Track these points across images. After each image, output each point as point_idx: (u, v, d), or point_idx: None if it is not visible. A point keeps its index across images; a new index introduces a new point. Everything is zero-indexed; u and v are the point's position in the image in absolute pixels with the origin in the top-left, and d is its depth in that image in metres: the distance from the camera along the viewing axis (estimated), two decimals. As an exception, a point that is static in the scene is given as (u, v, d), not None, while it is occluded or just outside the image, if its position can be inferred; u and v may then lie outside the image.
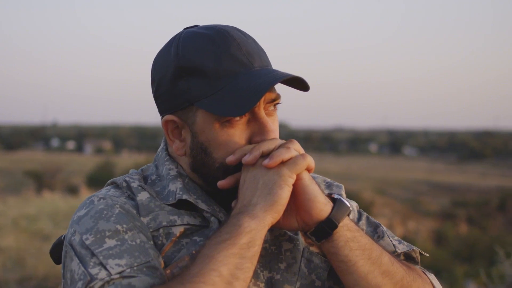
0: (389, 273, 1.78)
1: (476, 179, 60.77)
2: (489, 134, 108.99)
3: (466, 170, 71.46)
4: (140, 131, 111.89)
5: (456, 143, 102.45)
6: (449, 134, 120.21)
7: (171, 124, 1.85)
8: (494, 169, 73.20)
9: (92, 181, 35.16)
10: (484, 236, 30.32)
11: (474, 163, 79.96)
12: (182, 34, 1.84)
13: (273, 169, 1.71)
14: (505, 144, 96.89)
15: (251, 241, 1.65)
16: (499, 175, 65.36)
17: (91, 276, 1.63)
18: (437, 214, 40.97)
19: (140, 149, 77.38)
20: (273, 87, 1.79)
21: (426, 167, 74.30)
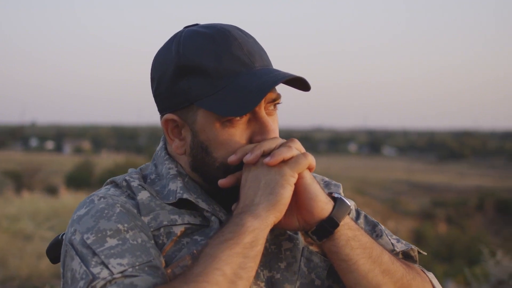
0: (389, 271, 1.79)
1: (455, 179, 61.04)
2: (468, 134, 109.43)
3: (445, 170, 71.75)
4: (120, 131, 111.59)
5: (435, 143, 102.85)
6: (428, 134, 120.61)
7: (171, 123, 1.84)
8: (473, 169, 73.55)
9: (71, 181, 35.03)
10: (463, 236, 30.43)
11: (453, 163, 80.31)
12: (183, 33, 1.84)
13: (275, 169, 1.71)
14: (483, 144, 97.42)
15: (254, 241, 1.65)
16: (478, 175, 65.70)
17: (93, 275, 1.62)
18: (416, 214, 41.09)
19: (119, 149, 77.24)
20: (274, 88, 1.79)
21: (406, 167, 74.53)
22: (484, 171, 71.69)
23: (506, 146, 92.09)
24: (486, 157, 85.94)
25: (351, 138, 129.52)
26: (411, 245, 1.99)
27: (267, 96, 1.78)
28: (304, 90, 1.82)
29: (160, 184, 1.86)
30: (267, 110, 1.81)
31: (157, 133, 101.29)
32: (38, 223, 12.59)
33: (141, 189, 1.83)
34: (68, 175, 38.50)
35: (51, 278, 9.37)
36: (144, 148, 67.40)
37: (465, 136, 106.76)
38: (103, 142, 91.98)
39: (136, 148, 70.93)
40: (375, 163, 79.96)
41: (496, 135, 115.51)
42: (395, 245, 1.97)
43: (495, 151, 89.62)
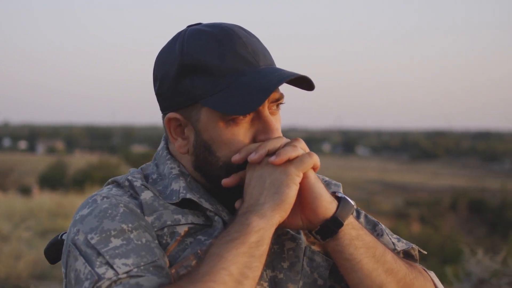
0: (393, 271, 1.79)
1: (428, 179, 61.33)
2: (441, 134, 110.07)
3: (418, 169, 72.09)
4: (93, 131, 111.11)
5: (409, 143, 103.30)
6: (401, 134, 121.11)
7: (174, 121, 1.83)
8: (446, 168, 73.95)
9: (44, 181, 34.81)
10: (436, 235, 30.57)
11: (426, 162, 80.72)
12: (186, 32, 1.83)
13: (280, 168, 1.71)
14: (456, 144, 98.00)
15: (259, 240, 1.65)
16: (451, 175, 66.08)
17: (98, 276, 1.62)
18: (390, 214, 41.18)
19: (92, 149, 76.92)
20: (277, 88, 1.79)
21: (379, 166, 74.82)
22: (457, 171, 72.14)
23: (479, 146, 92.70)
24: (459, 157, 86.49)
25: (325, 138, 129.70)
26: (412, 244, 2.00)
27: (270, 96, 1.77)
28: (308, 90, 1.82)
29: (162, 184, 1.85)
30: (270, 109, 1.80)
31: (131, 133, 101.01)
32: (14, 223, 12.51)
33: (144, 189, 1.82)
34: (41, 175, 38.25)
35: (30, 279, 9.33)
36: (117, 148, 67.13)
37: (438, 136, 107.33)
38: (77, 142, 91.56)
39: (110, 148, 70.66)
40: (349, 163, 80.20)
41: (468, 135, 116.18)
42: (396, 244, 1.97)
43: (468, 151, 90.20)
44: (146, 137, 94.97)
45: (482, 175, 66.02)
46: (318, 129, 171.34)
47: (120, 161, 36.47)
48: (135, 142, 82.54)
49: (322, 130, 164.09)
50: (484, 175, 65.32)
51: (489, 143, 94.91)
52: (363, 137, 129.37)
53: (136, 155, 43.94)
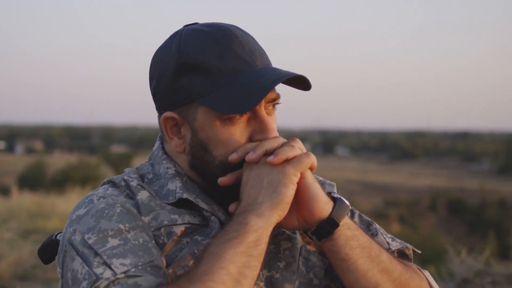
0: (388, 270, 1.80)
1: (408, 179, 61.56)
2: (420, 135, 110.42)
3: (397, 170, 72.34)
4: (72, 131, 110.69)
5: (388, 143, 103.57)
6: (380, 134, 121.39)
7: (170, 120, 1.83)
8: (425, 168, 74.24)
9: (23, 181, 34.66)
10: (416, 235, 30.69)
11: (405, 163, 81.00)
12: (184, 31, 1.83)
13: (277, 168, 1.71)
14: (435, 144, 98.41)
15: (258, 240, 1.65)
16: (430, 175, 66.37)
17: (96, 276, 1.61)
18: (369, 214, 40.95)
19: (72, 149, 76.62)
20: (276, 85, 1.80)
21: (358, 167, 75.04)
22: (436, 171, 72.47)
23: (458, 147, 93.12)
24: (438, 157, 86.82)
25: (304, 138, 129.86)
26: (406, 244, 2.01)
27: (267, 96, 1.78)
28: (304, 90, 1.83)
29: (158, 184, 1.85)
30: (267, 109, 1.81)
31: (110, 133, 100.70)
32: (-5, 224, 12.44)
33: (141, 189, 1.82)
34: (20, 175, 38.09)
35: (12, 280, 9.29)
36: (97, 148, 66.92)
37: (417, 136, 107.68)
38: (56, 142, 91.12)
39: (89, 148, 70.42)
40: (328, 163, 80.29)
41: (447, 136, 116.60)
42: (391, 244, 1.98)
43: (447, 151, 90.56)
44: (125, 137, 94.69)
45: (461, 175, 66.40)
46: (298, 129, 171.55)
47: (99, 161, 36.35)
48: (114, 142, 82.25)
49: (302, 130, 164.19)
50: (463, 175, 65.70)
51: (468, 144, 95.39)
52: (343, 137, 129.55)
53: (115, 155, 43.88)
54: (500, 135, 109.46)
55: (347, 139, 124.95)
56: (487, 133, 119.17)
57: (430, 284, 1.90)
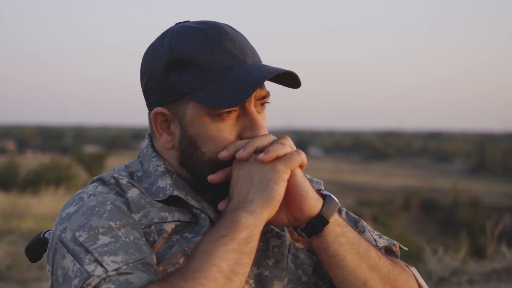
0: (376, 267, 1.81)
1: (380, 179, 61.75)
2: (393, 135, 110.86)
3: (370, 169, 72.56)
4: (45, 131, 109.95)
5: (361, 143, 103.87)
6: (354, 134, 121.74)
7: (160, 116, 1.83)
8: (398, 168, 74.52)
9: (-5, 181, 34.32)
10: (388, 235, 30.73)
11: (378, 163, 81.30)
12: (175, 28, 1.84)
13: (268, 165, 1.72)
14: (408, 144, 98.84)
15: (249, 237, 1.66)
16: (403, 175, 66.61)
17: (88, 273, 1.62)
18: (343, 214, 41.27)
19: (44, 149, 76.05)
20: (263, 85, 1.81)
21: (332, 167, 75.13)
22: (409, 171, 72.73)
23: (430, 147, 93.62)
24: (410, 157, 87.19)
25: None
26: (393, 241, 2.02)
27: (256, 94, 1.79)
28: (294, 87, 1.84)
29: (147, 181, 1.85)
30: (256, 107, 1.81)
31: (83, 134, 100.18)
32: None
33: (131, 186, 1.82)
34: (-9, 175, 37.70)
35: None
36: (70, 149, 66.52)
37: (390, 136, 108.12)
38: (28, 142, 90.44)
39: (62, 148, 69.93)
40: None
41: (420, 136, 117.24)
42: (378, 241, 1.99)
43: (419, 151, 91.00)
44: (98, 137, 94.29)
45: (433, 175, 66.70)
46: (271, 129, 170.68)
47: (72, 162, 36.12)
48: (87, 142, 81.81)
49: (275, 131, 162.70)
50: (435, 175, 66.01)
51: (440, 144, 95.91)
52: (316, 137, 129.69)
53: (88, 156, 43.57)
54: (472, 135, 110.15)
55: (321, 139, 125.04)
56: (459, 133, 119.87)
57: (417, 280, 1.91)
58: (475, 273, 6.26)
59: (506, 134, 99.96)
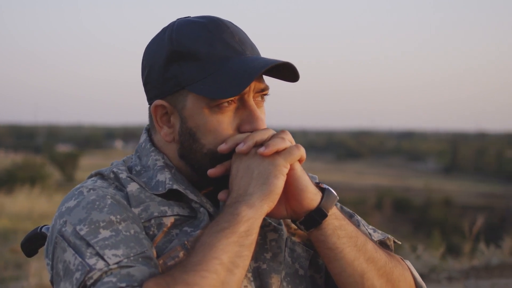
0: (373, 259, 1.83)
1: (354, 178, 61.88)
2: (366, 134, 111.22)
3: (344, 169, 72.70)
4: (17, 130, 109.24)
5: (334, 142, 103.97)
6: (327, 133, 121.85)
7: (160, 109, 1.85)
8: (371, 168, 74.75)
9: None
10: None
11: (351, 162, 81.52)
12: (176, 22, 1.87)
13: (268, 159, 1.74)
14: (381, 143, 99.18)
15: (249, 230, 1.68)
16: (376, 174, 66.84)
17: (90, 266, 1.63)
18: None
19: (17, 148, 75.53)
20: (262, 77, 1.82)
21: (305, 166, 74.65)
22: (382, 170, 72.96)
23: (403, 146, 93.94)
24: (383, 156, 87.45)
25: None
26: (387, 235, 2.05)
27: (255, 86, 1.81)
28: (292, 81, 1.86)
29: (146, 175, 1.86)
30: (255, 100, 1.83)
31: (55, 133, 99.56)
32: None
33: (130, 180, 1.83)
34: (-38, 175, 37.41)
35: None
36: (42, 148, 66.15)
37: (363, 135, 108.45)
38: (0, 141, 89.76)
39: (34, 148, 69.54)
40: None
41: (393, 135, 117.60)
42: (372, 235, 2.01)
43: (392, 151, 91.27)
44: (71, 136, 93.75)
45: (406, 174, 66.97)
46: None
47: (45, 161, 35.93)
48: (59, 141, 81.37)
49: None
50: (408, 174, 66.27)
51: (413, 143, 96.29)
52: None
53: (61, 155, 43.37)
54: (444, 135, 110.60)
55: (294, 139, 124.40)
56: (432, 133, 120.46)
57: (412, 273, 1.94)
58: (453, 270, 6.31)
59: (478, 134, 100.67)
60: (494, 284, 5.84)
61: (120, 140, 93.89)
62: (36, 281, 7.53)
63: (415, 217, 38.34)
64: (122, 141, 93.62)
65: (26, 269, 8.34)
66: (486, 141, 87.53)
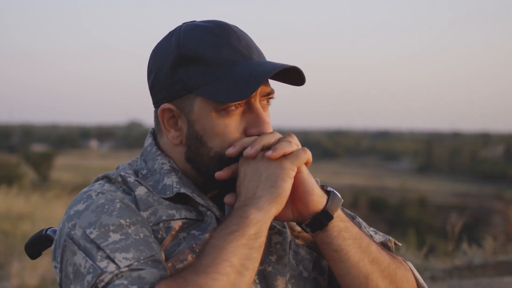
0: (377, 261, 1.86)
1: (330, 178, 61.95)
2: (341, 134, 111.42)
3: (319, 168, 72.76)
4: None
5: (310, 142, 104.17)
6: (302, 133, 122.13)
7: (167, 112, 1.86)
8: (346, 167, 74.89)
9: None
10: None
11: (327, 162, 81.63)
12: (182, 27, 1.88)
13: (275, 163, 1.76)
14: (356, 143, 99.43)
15: (258, 232, 1.70)
16: (351, 174, 66.96)
17: (101, 269, 1.64)
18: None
19: (-12, 148, 74.97)
20: (268, 81, 1.85)
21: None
22: (357, 169, 73.14)
23: (378, 146, 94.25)
24: (359, 156, 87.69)
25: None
26: (388, 237, 2.07)
27: (261, 90, 1.83)
28: (298, 84, 1.88)
29: (153, 179, 1.88)
30: (261, 104, 1.85)
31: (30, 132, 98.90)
32: None
33: (138, 184, 1.85)
34: None
35: None
36: (17, 147, 65.72)
37: (338, 135, 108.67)
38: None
39: (9, 147, 69.06)
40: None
41: (368, 135, 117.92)
42: (374, 237, 2.04)
43: (368, 150, 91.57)
44: (46, 136, 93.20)
45: (381, 174, 67.23)
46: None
47: (19, 161, 35.72)
48: (34, 141, 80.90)
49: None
50: (383, 174, 66.53)
51: (388, 143, 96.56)
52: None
53: (36, 154, 43.13)
54: (419, 134, 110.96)
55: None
56: (407, 132, 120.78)
57: (414, 274, 1.97)
58: (437, 270, 6.35)
59: (453, 134, 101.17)
60: (477, 283, 5.89)
61: (95, 139, 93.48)
62: (18, 282, 7.50)
63: (391, 216, 38.46)
64: (97, 140, 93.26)
65: (7, 270, 8.31)
66: (461, 141, 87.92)
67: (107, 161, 58.63)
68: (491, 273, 6.31)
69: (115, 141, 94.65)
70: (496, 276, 6.22)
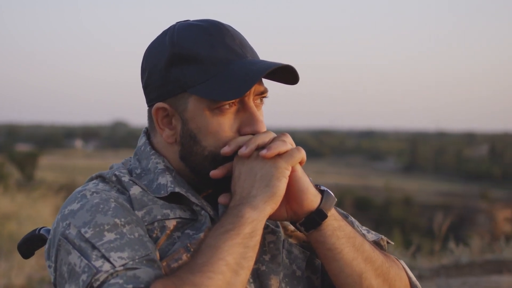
0: (371, 259, 1.87)
1: (315, 177, 61.45)
2: (326, 133, 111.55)
3: (305, 168, 72.35)
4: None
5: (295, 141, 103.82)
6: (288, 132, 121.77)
7: (161, 111, 1.86)
8: (331, 167, 75.04)
9: None
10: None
11: (312, 161, 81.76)
12: (176, 26, 1.88)
13: (270, 162, 1.76)
14: (341, 142, 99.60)
15: (253, 231, 1.70)
16: (336, 173, 67.09)
17: (96, 269, 1.65)
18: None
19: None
20: (261, 80, 1.85)
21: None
22: (342, 169, 73.31)
23: (363, 145, 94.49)
24: (344, 155, 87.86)
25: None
26: (381, 236, 2.08)
27: (255, 89, 1.84)
28: (292, 83, 1.89)
29: (147, 178, 1.88)
30: (255, 102, 1.86)
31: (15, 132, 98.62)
32: None
33: (133, 184, 1.85)
34: None
35: None
36: (1, 147, 65.49)
37: (323, 134, 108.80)
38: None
39: (-10, 148, 68.81)
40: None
41: (353, 134, 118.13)
42: (366, 236, 2.04)
43: (353, 150, 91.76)
44: (31, 135, 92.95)
45: (366, 173, 67.42)
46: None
47: (4, 160, 35.59)
48: (19, 141, 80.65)
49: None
50: (368, 174, 66.72)
51: (373, 142, 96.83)
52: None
53: (21, 154, 42.96)
54: (404, 134, 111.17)
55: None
56: (392, 132, 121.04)
57: (407, 272, 1.98)
58: (424, 269, 6.38)
59: (437, 133, 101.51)
60: (465, 282, 5.92)
61: (80, 139, 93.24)
62: (4, 282, 7.47)
63: (376, 216, 38.54)
64: (82, 140, 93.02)
65: (-7, 270, 8.26)
66: (445, 141, 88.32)
67: (92, 161, 58.58)
68: (478, 272, 6.35)
69: (100, 141, 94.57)
70: (483, 275, 6.26)
